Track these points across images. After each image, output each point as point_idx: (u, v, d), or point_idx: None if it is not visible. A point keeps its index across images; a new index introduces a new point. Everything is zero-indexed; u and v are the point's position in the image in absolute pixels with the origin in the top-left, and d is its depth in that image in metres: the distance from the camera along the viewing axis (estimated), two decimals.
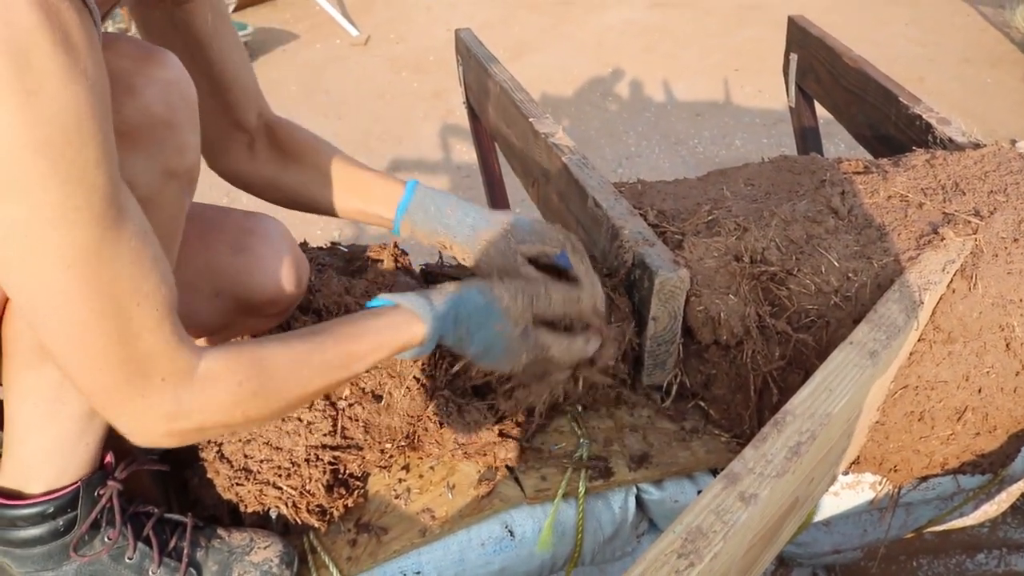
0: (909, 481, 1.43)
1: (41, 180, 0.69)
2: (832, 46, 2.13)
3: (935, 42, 5.59)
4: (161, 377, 0.83)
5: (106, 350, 0.79)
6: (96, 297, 0.77)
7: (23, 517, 0.99)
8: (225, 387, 0.87)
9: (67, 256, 0.74)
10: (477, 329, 1.06)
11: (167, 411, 0.84)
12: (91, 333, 0.78)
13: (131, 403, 0.83)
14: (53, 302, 0.76)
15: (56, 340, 0.79)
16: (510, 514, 1.28)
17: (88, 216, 0.73)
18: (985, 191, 1.41)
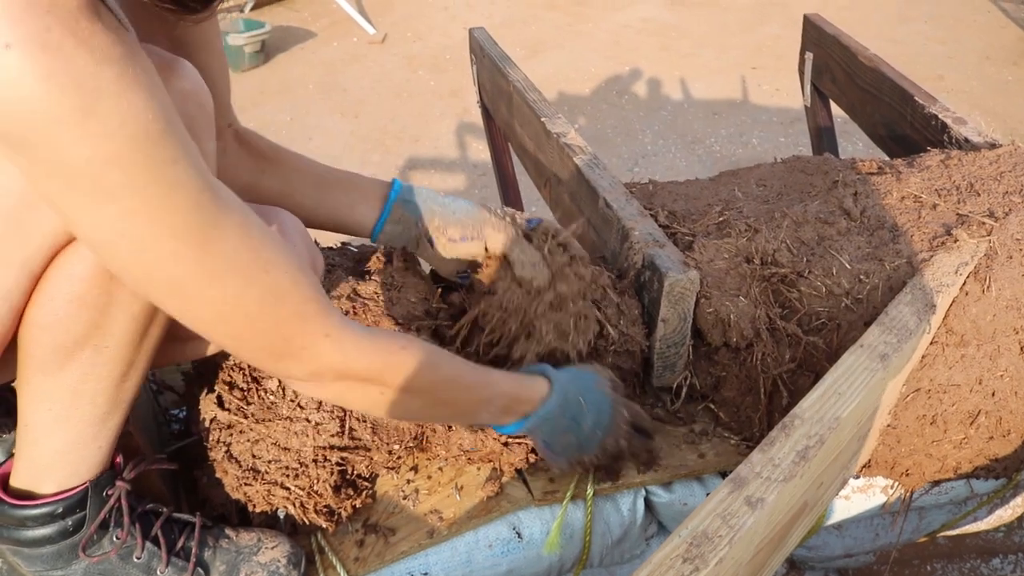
0: (921, 485, 1.42)
1: (121, 187, 0.73)
2: (848, 45, 2.11)
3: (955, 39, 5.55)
4: (323, 333, 0.91)
5: (254, 320, 0.86)
6: (219, 275, 0.82)
7: (33, 517, 1.00)
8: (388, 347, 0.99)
9: (173, 247, 0.78)
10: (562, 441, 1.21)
11: (332, 363, 0.93)
12: (231, 308, 0.84)
13: (297, 358, 0.91)
14: (179, 290, 0.82)
15: (200, 323, 0.86)
16: (518, 516, 1.28)
17: (180, 207, 0.77)
18: (1000, 192, 1.40)
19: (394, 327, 1.29)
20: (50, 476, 1.02)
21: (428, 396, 1.05)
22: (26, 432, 1.00)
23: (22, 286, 0.90)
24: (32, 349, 0.94)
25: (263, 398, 1.22)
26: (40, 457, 1.01)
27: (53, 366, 0.95)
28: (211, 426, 1.21)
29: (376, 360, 0.97)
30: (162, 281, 0.81)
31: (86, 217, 0.75)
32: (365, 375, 0.97)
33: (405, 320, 1.30)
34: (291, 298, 0.87)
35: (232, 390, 1.23)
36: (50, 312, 0.91)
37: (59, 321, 0.92)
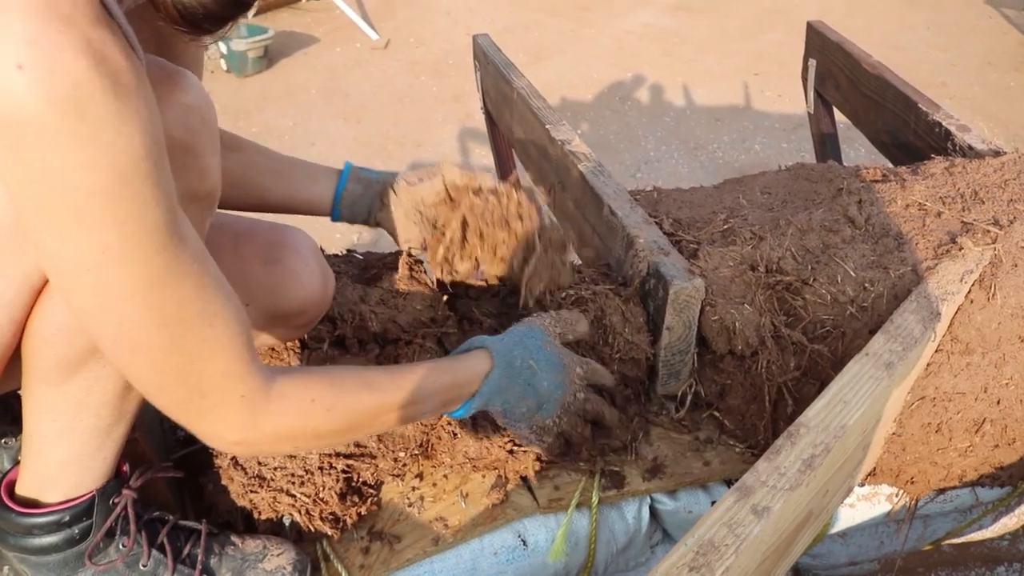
0: (926, 493, 1.42)
1: (100, 222, 0.72)
2: (851, 52, 2.11)
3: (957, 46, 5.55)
4: (240, 394, 0.88)
5: (182, 371, 0.84)
6: (167, 324, 0.81)
7: (39, 525, 1.00)
8: (297, 404, 0.93)
9: (132, 288, 0.77)
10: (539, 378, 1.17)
11: (242, 424, 0.90)
12: (166, 357, 0.83)
13: (207, 416, 0.88)
14: (126, 332, 0.80)
15: (131, 365, 0.84)
16: (523, 523, 1.28)
17: (148, 250, 0.76)
18: (1005, 200, 1.40)
19: (399, 334, 1.30)
20: (55, 486, 1.02)
21: (355, 429, 1.03)
22: (30, 442, 1.00)
23: (23, 298, 0.89)
24: (35, 361, 0.94)
25: None
26: (44, 468, 1.01)
27: (57, 378, 0.95)
28: None
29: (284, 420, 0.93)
30: (111, 322, 0.79)
31: (57, 243, 0.74)
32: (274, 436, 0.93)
33: (410, 327, 1.31)
34: (222, 356, 0.86)
35: None
36: (52, 325, 0.91)
37: (61, 334, 0.92)
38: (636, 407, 1.37)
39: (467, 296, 1.44)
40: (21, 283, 0.88)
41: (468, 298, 1.43)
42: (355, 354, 1.27)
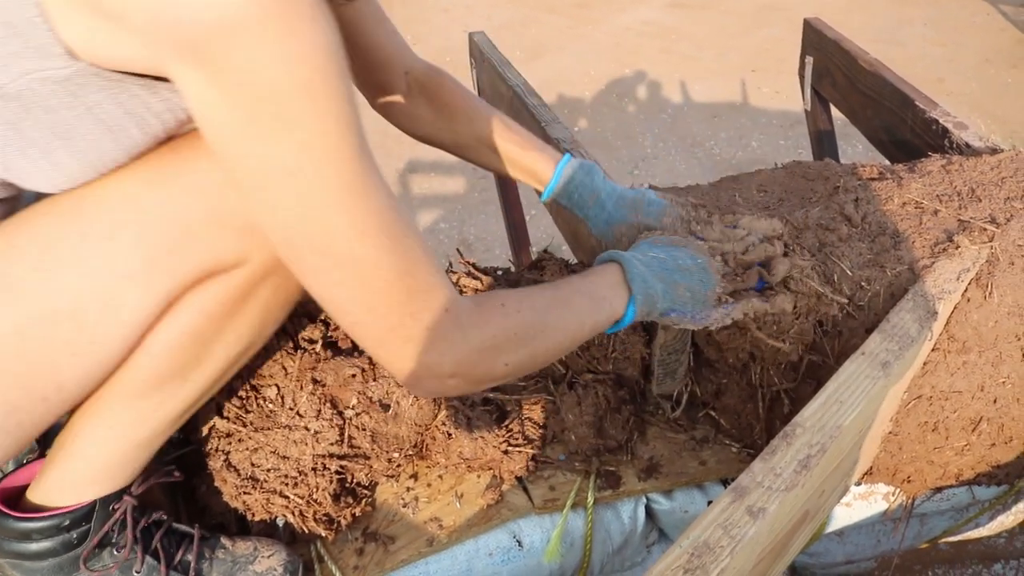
0: (923, 492, 1.41)
1: (304, 118, 0.72)
2: (848, 49, 2.11)
3: (954, 42, 5.55)
4: (443, 307, 0.85)
5: (390, 286, 0.81)
6: (370, 233, 0.79)
7: (38, 530, 0.99)
8: (491, 309, 0.92)
9: (336, 192, 0.76)
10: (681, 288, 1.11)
11: (453, 342, 0.87)
12: (373, 270, 0.80)
13: (419, 341, 0.85)
14: (333, 244, 0.78)
15: (339, 286, 0.81)
16: (518, 524, 1.28)
17: (349, 150, 0.75)
18: (1001, 198, 1.39)
19: None
20: (74, 488, 1.01)
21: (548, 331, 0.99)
22: (72, 441, 0.99)
23: (157, 315, 0.90)
24: (127, 373, 0.93)
25: (262, 406, 1.22)
26: (74, 468, 1.01)
27: (137, 393, 0.95)
28: (210, 434, 1.21)
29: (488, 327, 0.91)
30: (315, 233, 0.77)
31: (259, 148, 0.73)
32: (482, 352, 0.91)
33: None
34: (423, 268, 0.84)
35: (231, 398, 1.23)
36: (162, 341, 0.92)
37: (168, 350, 0.92)
38: (632, 407, 1.37)
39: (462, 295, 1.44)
40: (162, 300, 0.89)
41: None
42: (348, 355, 1.26)
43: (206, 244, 0.87)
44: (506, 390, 1.33)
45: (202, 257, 0.88)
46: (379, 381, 1.23)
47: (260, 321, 0.99)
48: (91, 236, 0.85)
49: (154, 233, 0.85)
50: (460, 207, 4.03)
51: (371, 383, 1.23)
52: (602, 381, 1.35)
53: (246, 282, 0.93)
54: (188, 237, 0.86)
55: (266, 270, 0.93)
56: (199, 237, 0.87)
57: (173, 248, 0.86)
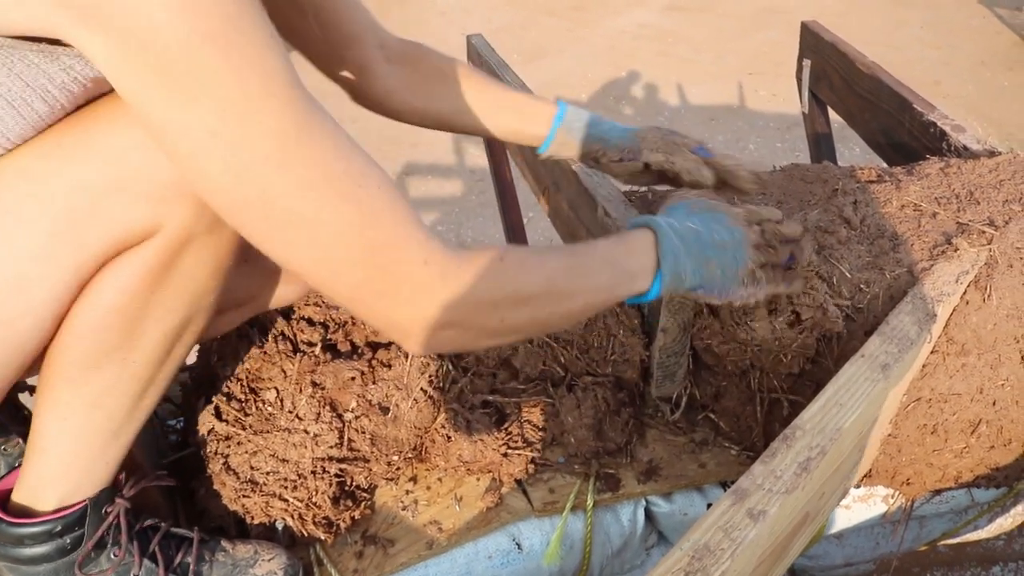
0: (922, 494, 1.42)
1: (217, 73, 0.69)
2: (846, 52, 2.11)
3: (951, 45, 5.56)
4: (422, 260, 0.81)
5: (347, 243, 0.77)
6: (313, 186, 0.75)
7: (31, 535, 0.99)
8: (488, 262, 0.86)
9: (266, 146, 0.72)
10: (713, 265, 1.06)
11: (435, 294, 0.82)
12: (324, 226, 0.76)
13: (395, 296, 0.81)
14: (273, 203, 0.74)
15: (292, 247, 0.78)
16: (518, 526, 1.27)
17: (275, 101, 0.72)
18: (1000, 200, 1.39)
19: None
20: (53, 489, 1.00)
21: (554, 296, 0.94)
22: (37, 439, 0.98)
23: (71, 292, 0.88)
24: (60, 356, 0.92)
25: (261, 409, 1.22)
26: (47, 467, 1.00)
27: (78, 376, 0.94)
28: (209, 437, 1.21)
29: (480, 278, 0.85)
30: (252, 195, 0.73)
31: (177, 112, 0.70)
32: (474, 302, 0.85)
33: None
34: (385, 219, 0.79)
35: (230, 401, 1.23)
36: (86, 321, 0.90)
37: (93, 331, 0.90)
38: (631, 409, 1.37)
39: None
40: (72, 277, 0.87)
41: None
42: (347, 358, 1.26)
43: (112, 213, 0.84)
44: (505, 393, 1.33)
45: (110, 227, 0.85)
46: (378, 384, 1.23)
47: (190, 292, 0.95)
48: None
49: (54, 206, 0.82)
50: (457, 209, 4.03)
51: (370, 386, 1.23)
52: (601, 384, 1.35)
53: (163, 252, 0.89)
54: (92, 208, 0.83)
55: (183, 238, 0.89)
56: (104, 207, 0.84)
57: (77, 220, 0.83)
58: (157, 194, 0.85)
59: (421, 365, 1.25)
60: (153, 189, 0.85)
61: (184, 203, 0.86)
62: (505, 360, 1.34)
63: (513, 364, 1.34)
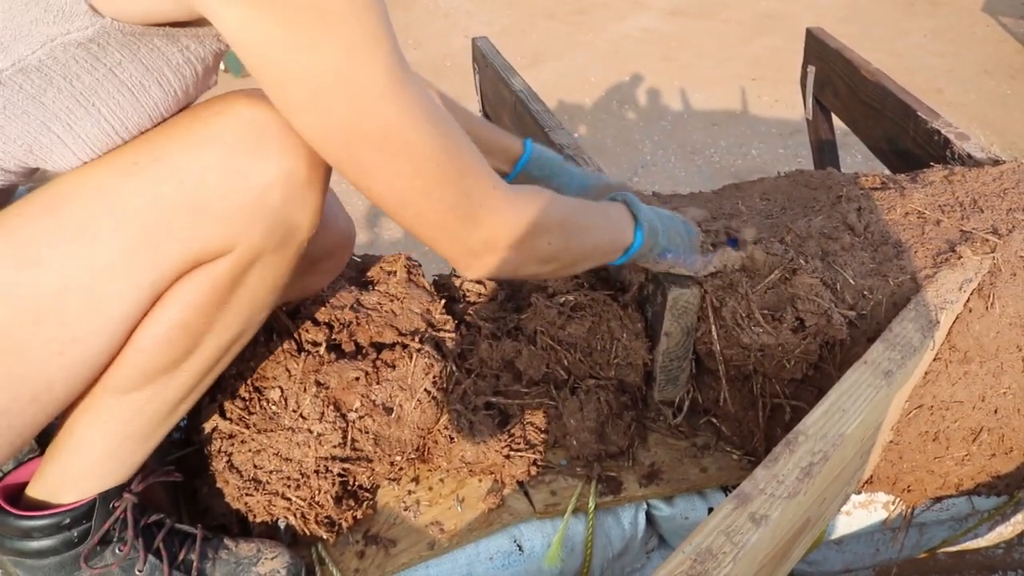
0: (923, 501, 1.42)
1: (344, 19, 0.75)
2: (850, 59, 2.11)
3: (954, 53, 5.56)
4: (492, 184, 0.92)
5: (446, 170, 0.86)
6: (421, 117, 0.83)
7: (39, 528, 0.99)
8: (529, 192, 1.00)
9: (383, 85, 0.79)
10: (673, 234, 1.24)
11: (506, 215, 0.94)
12: (427, 154, 0.84)
13: (476, 219, 0.91)
14: (389, 135, 0.81)
15: (394, 177, 0.85)
16: (519, 528, 1.28)
17: (388, 42, 0.79)
18: (1004, 209, 1.40)
19: (396, 338, 1.29)
20: (75, 485, 1.01)
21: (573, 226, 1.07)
22: (68, 438, 0.99)
23: (144, 309, 0.90)
24: (117, 369, 0.93)
25: (265, 408, 1.22)
26: (73, 465, 1.00)
27: (128, 387, 0.95)
28: (213, 435, 1.21)
29: (533, 204, 0.98)
30: (371, 129, 0.80)
31: (305, 58, 0.75)
32: (531, 224, 0.97)
33: (408, 331, 1.30)
34: (465, 149, 0.88)
35: (234, 400, 1.23)
36: (152, 335, 0.91)
37: (156, 345, 0.92)
38: (633, 413, 1.37)
39: (465, 301, 1.44)
40: (148, 293, 0.88)
41: (466, 302, 1.43)
42: (352, 358, 1.26)
43: (188, 233, 0.87)
44: (508, 395, 1.33)
45: (185, 247, 0.87)
46: (382, 384, 1.23)
47: (249, 308, 0.98)
48: (67, 232, 0.84)
49: (132, 224, 0.84)
50: None
51: (374, 386, 1.23)
52: (604, 387, 1.35)
53: (232, 271, 0.92)
54: (169, 227, 0.85)
55: (252, 257, 0.92)
56: (180, 226, 0.86)
57: (153, 239, 0.85)
58: (234, 214, 0.88)
59: (425, 366, 1.25)
60: (231, 209, 0.87)
61: (258, 223, 0.89)
62: (509, 362, 1.35)
63: (516, 366, 1.34)
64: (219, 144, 0.86)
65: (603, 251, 1.16)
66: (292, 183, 0.89)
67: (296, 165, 0.89)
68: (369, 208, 3.81)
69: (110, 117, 0.84)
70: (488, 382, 1.34)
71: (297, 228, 0.93)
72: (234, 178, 0.86)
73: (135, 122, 0.86)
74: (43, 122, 0.82)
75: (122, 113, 0.85)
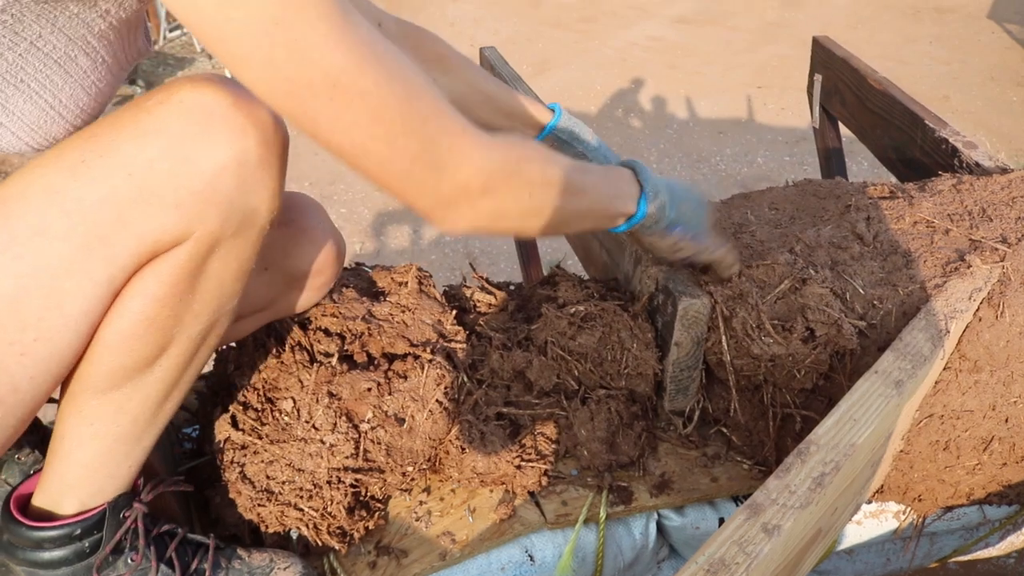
0: (934, 511, 1.42)
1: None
2: (857, 67, 2.12)
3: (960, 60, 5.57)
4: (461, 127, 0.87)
5: (405, 114, 0.82)
6: (368, 62, 0.79)
7: (50, 539, 0.99)
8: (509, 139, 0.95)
9: (324, 30, 0.76)
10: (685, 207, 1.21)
11: (480, 161, 0.89)
12: (382, 99, 0.81)
13: (446, 166, 0.86)
14: (336, 81, 0.78)
15: (351, 127, 0.81)
16: (530, 539, 1.28)
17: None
18: (1012, 218, 1.40)
19: (408, 349, 1.30)
20: (75, 493, 1.01)
21: (563, 184, 1.01)
22: (60, 445, 0.99)
23: (105, 304, 0.89)
24: (89, 367, 0.93)
25: (278, 419, 1.22)
26: (69, 471, 1.00)
27: (105, 385, 0.94)
28: (225, 446, 1.21)
29: (511, 151, 0.94)
30: (318, 77, 0.77)
31: (239, 10, 0.73)
32: (507, 171, 0.93)
33: (419, 342, 1.31)
34: (427, 94, 0.84)
35: (246, 410, 1.24)
36: (118, 331, 0.91)
37: (123, 340, 0.91)
38: (644, 423, 1.37)
39: (476, 311, 1.44)
40: (105, 288, 0.88)
41: (477, 313, 1.44)
42: (364, 369, 1.27)
43: (143, 224, 0.86)
44: (519, 405, 1.34)
45: (141, 238, 0.86)
46: (394, 395, 1.24)
47: (216, 297, 0.97)
48: (19, 233, 0.83)
49: (85, 222, 0.84)
50: None
51: (386, 397, 1.23)
52: (615, 397, 1.36)
53: (191, 259, 0.91)
54: (122, 219, 0.85)
55: (211, 243, 0.91)
56: (133, 218, 0.85)
57: (107, 234, 0.85)
58: (187, 202, 0.86)
59: (437, 377, 1.26)
60: (182, 197, 0.86)
61: (213, 209, 0.88)
62: (519, 372, 1.35)
63: (527, 377, 1.35)
64: (165, 133, 0.84)
65: (599, 214, 1.13)
66: (244, 165, 0.87)
67: (246, 147, 0.87)
68: (375, 218, 3.82)
69: (41, 91, 0.84)
70: (499, 393, 1.34)
71: (255, 211, 0.92)
72: (184, 165, 0.85)
73: (68, 94, 0.86)
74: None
75: (52, 87, 0.85)
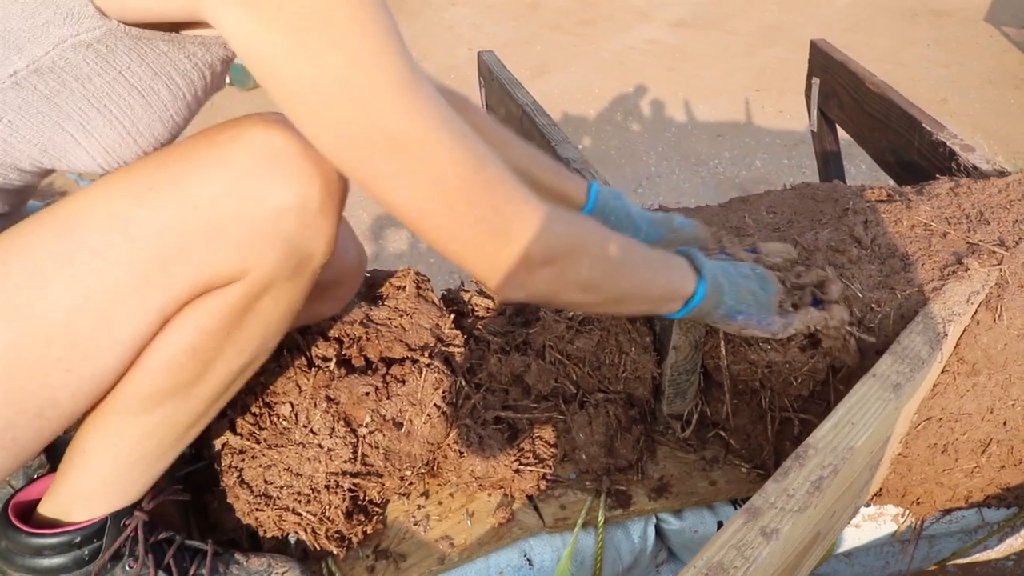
0: (932, 514, 1.42)
1: (347, 27, 0.75)
2: (855, 71, 2.12)
3: (958, 63, 5.57)
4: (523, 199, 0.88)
5: (468, 180, 0.84)
6: (437, 126, 0.81)
7: (50, 546, 0.99)
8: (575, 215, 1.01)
9: (395, 93, 0.78)
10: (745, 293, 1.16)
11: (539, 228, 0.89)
12: (446, 164, 0.82)
13: (507, 232, 0.87)
14: (400, 141, 0.79)
15: (412, 188, 0.83)
16: (529, 542, 1.28)
17: (394, 51, 0.78)
18: (1010, 220, 1.40)
19: (406, 353, 1.30)
20: (87, 504, 1.01)
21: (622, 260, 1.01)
22: (80, 457, 0.99)
23: (154, 331, 0.90)
24: (127, 389, 0.93)
25: (276, 423, 1.22)
26: (84, 484, 1.01)
27: (139, 409, 0.95)
28: (223, 451, 1.21)
29: (572, 224, 0.95)
30: (382, 138, 0.79)
31: (309, 67, 0.75)
32: (569, 243, 0.94)
33: (417, 346, 1.31)
34: (491, 162, 0.85)
35: (245, 415, 1.24)
36: (161, 358, 0.91)
37: (166, 368, 0.92)
38: (642, 426, 1.37)
39: (474, 315, 1.44)
40: (156, 317, 0.89)
41: (475, 317, 1.44)
42: (362, 373, 1.27)
43: (202, 258, 0.87)
44: (517, 409, 1.34)
45: (198, 272, 0.88)
46: (392, 399, 1.24)
47: (261, 335, 0.98)
48: (80, 254, 0.84)
49: (146, 250, 0.85)
50: None
51: (384, 401, 1.23)
52: (613, 400, 1.36)
53: (245, 296, 0.92)
54: (182, 252, 0.86)
55: (265, 283, 0.92)
56: (194, 251, 0.86)
57: (166, 263, 0.86)
58: (248, 240, 0.88)
59: (435, 381, 1.26)
60: (244, 235, 0.87)
61: (272, 250, 0.89)
62: (518, 377, 1.35)
63: (525, 381, 1.35)
64: (234, 169, 0.86)
65: (656, 295, 1.10)
66: (306, 211, 0.89)
67: (310, 192, 0.88)
68: (374, 221, 3.82)
69: (122, 118, 0.86)
70: (497, 397, 1.34)
71: (311, 255, 0.93)
72: (249, 204, 0.86)
73: (146, 123, 0.87)
74: (57, 122, 0.84)
75: (133, 114, 0.86)
